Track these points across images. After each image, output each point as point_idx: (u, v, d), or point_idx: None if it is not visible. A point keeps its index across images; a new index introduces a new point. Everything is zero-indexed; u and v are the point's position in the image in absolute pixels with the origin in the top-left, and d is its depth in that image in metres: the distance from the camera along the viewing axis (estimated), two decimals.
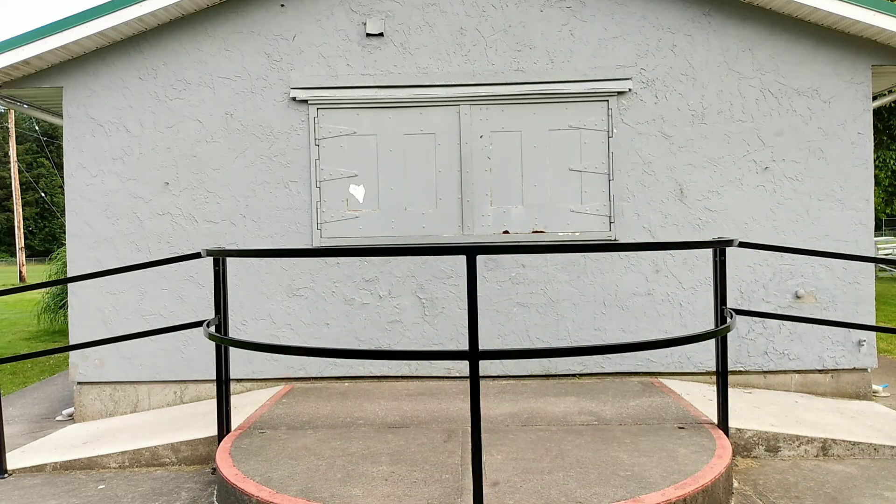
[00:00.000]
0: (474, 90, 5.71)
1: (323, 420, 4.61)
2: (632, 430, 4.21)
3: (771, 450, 4.34)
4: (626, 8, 5.70)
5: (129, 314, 5.80)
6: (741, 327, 5.63)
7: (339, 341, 5.78)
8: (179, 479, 4.25)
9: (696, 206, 5.69)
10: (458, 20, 5.74)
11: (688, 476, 3.41)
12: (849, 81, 5.62)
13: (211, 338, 3.72)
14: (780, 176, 5.68)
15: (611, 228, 5.71)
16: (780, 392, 5.63)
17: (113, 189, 5.81)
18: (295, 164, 5.78)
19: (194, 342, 5.79)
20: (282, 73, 5.77)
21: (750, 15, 5.65)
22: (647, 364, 5.68)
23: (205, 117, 5.79)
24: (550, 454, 3.78)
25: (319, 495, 3.28)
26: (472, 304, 2.95)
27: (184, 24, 5.77)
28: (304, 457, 3.85)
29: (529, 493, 3.24)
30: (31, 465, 4.48)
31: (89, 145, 5.80)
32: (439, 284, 5.76)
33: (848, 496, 3.69)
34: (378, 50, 5.75)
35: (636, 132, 5.71)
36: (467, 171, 5.73)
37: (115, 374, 5.80)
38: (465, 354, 3.00)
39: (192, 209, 5.81)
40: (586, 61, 5.71)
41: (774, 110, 5.67)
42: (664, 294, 5.70)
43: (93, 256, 5.80)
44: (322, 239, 5.78)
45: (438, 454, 3.84)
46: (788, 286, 5.68)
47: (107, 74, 5.78)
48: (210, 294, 5.77)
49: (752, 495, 3.74)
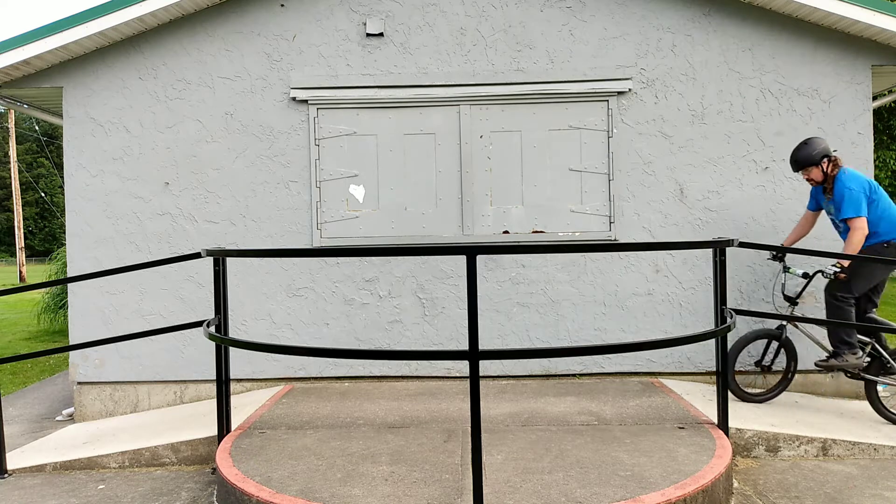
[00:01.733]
0: (474, 90, 5.71)
1: (323, 420, 4.61)
2: (632, 430, 4.21)
3: (771, 450, 4.34)
4: (626, 8, 5.70)
5: (129, 314, 5.80)
6: (741, 327, 5.62)
7: (339, 341, 5.78)
8: (179, 479, 4.25)
9: (696, 206, 5.69)
10: (458, 20, 5.74)
11: (688, 476, 3.41)
12: (849, 81, 5.62)
13: (211, 338, 3.72)
14: (780, 176, 5.68)
15: (611, 228, 5.71)
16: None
17: (113, 189, 5.81)
18: (295, 164, 5.78)
19: (194, 342, 5.79)
20: (282, 73, 5.77)
21: (750, 15, 5.65)
22: (647, 364, 5.68)
23: (205, 117, 5.80)
24: (550, 454, 3.78)
25: (319, 495, 3.28)
26: (472, 304, 2.95)
27: (184, 24, 5.77)
28: (304, 457, 3.85)
29: (529, 493, 3.24)
30: (31, 465, 4.48)
31: (89, 145, 5.80)
32: (439, 284, 5.76)
33: (848, 496, 3.69)
34: (378, 50, 5.75)
35: (636, 132, 5.71)
36: (467, 171, 5.73)
37: (115, 374, 5.80)
38: (465, 354, 3.00)
39: (192, 209, 5.81)
40: (586, 61, 5.71)
41: (774, 110, 5.67)
42: (664, 294, 5.70)
43: (93, 256, 5.80)
44: (322, 239, 5.78)
45: (438, 454, 3.84)
46: (789, 286, 5.68)
47: (107, 74, 5.78)
48: (210, 294, 5.78)
49: (752, 495, 3.74)
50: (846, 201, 4.76)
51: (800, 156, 4.94)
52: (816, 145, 4.90)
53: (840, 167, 4.90)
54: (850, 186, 4.76)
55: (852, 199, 4.74)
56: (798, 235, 5.26)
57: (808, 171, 4.96)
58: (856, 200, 4.74)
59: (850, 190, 4.76)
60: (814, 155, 4.89)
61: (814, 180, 4.97)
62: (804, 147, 4.94)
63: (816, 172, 4.93)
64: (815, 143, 4.92)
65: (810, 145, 4.92)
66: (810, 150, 4.91)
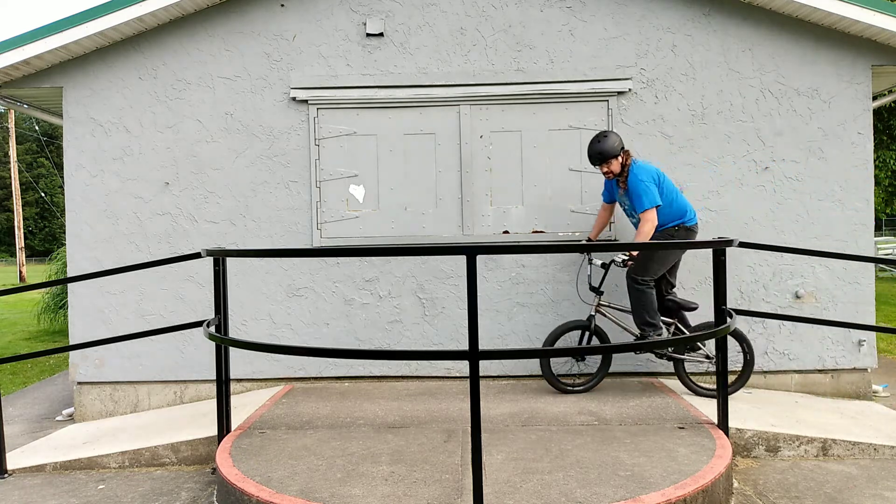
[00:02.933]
0: (474, 90, 5.71)
1: (323, 420, 4.61)
2: (632, 430, 4.21)
3: (771, 450, 4.34)
4: (626, 8, 5.70)
5: (129, 314, 5.80)
6: (741, 327, 5.62)
7: (339, 341, 5.78)
8: (179, 479, 4.25)
9: (696, 206, 5.68)
10: (458, 20, 5.74)
11: (688, 476, 3.41)
12: (849, 81, 5.62)
13: (211, 338, 3.72)
14: (780, 176, 5.68)
15: (611, 228, 5.71)
16: (780, 392, 5.63)
17: (113, 189, 5.81)
18: (295, 164, 5.78)
19: (194, 342, 5.79)
20: (282, 73, 5.77)
21: (750, 15, 5.65)
22: (647, 364, 5.67)
23: (205, 117, 5.80)
24: (550, 454, 3.78)
25: (319, 495, 3.28)
26: (472, 304, 2.95)
27: (184, 23, 5.77)
28: (304, 457, 3.85)
29: (529, 493, 3.24)
30: (31, 465, 4.48)
31: (89, 145, 5.80)
32: (439, 284, 5.76)
33: (848, 496, 3.69)
34: (378, 50, 5.75)
35: (636, 132, 5.71)
36: (467, 171, 5.73)
37: (115, 374, 5.80)
38: (465, 354, 3.00)
39: (192, 209, 5.81)
40: (586, 61, 5.71)
41: (774, 110, 5.67)
42: None
43: (93, 256, 5.80)
44: (322, 239, 5.78)
45: (438, 454, 3.84)
46: (788, 286, 5.68)
47: (107, 74, 5.78)
48: (210, 294, 5.77)
49: (752, 495, 3.74)
50: (643, 193, 4.82)
51: (604, 148, 4.91)
52: (614, 137, 4.92)
53: (632, 159, 4.97)
54: (643, 178, 4.84)
55: (648, 190, 4.82)
56: (600, 228, 5.46)
57: (608, 164, 4.95)
58: (651, 192, 4.82)
59: (644, 182, 4.83)
60: (615, 147, 4.90)
61: (612, 173, 4.98)
62: (605, 140, 4.91)
63: (616, 165, 4.95)
64: (612, 135, 4.93)
65: (610, 137, 4.91)
66: (611, 142, 4.90)
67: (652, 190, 4.84)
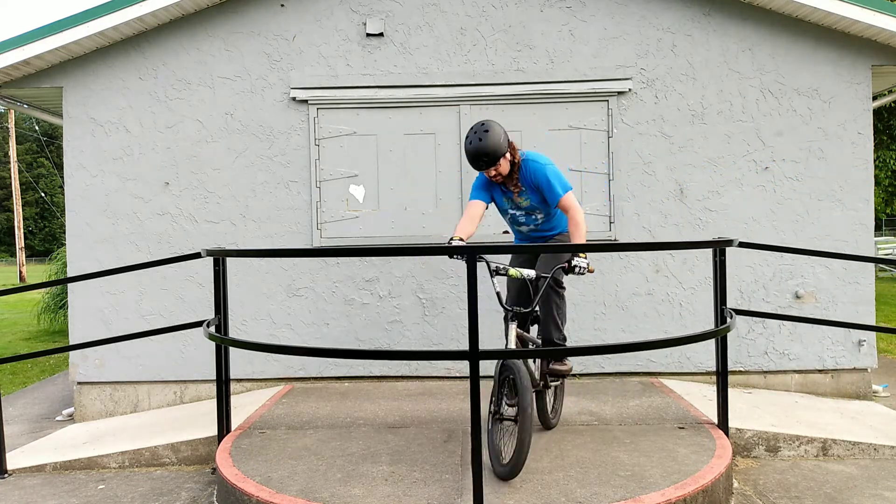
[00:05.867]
0: (474, 90, 5.70)
1: (323, 420, 4.61)
2: (632, 430, 4.21)
3: (771, 450, 4.34)
4: (626, 8, 5.70)
5: (129, 314, 5.79)
6: (741, 327, 5.62)
7: (339, 341, 5.78)
8: (179, 479, 4.25)
9: (696, 206, 5.69)
10: (458, 20, 5.74)
11: (688, 476, 3.41)
12: (849, 81, 5.62)
13: (211, 338, 3.72)
14: (780, 176, 5.67)
15: (611, 228, 5.71)
16: (780, 392, 5.63)
17: (113, 189, 5.81)
18: (295, 164, 5.78)
19: (194, 342, 5.79)
20: (282, 73, 5.77)
21: (750, 15, 5.65)
22: (647, 364, 5.67)
23: (205, 117, 5.79)
24: (550, 454, 3.78)
25: (319, 495, 3.28)
26: (473, 304, 2.95)
27: (184, 24, 5.77)
28: (304, 457, 3.85)
29: (529, 493, 3.24)
30: (31, 465, 4.48)
31: (89, 145, 5.80)
32: (439, 284, 5.76)
33: (848, 496, 3.69)
34: (378, 50, 5.75)
35: (636, 132, 5.71)
36: (467, 171, 5.73)
37: (115, 374, 5.79)
38: (465, 354, 3.00)
39: (192, 209, 5.81)
40: (586, 61, 5.71)
41: (774, 110, 5.67)
42: (664, 294, 5.70)
43: (93, 256, 5.80)
44: (322, 239, 5.78)
45: (438, 454, 3.84)
46: (788, 286, 5.68)
47: (107, 74, 5.78)
48: (210, 294, 5.77)
49: (752, 495, 3.74)
50: (553, 178, 3.87)
51: (489, 146, 3.75)
52: (498, 129, 3.81)
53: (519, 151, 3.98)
54: (544, 162, 3.92)
55: (556, 174, 3.89)
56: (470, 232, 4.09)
57: (498, 166, 3.84)
58: (560, 175, 3.91)
59: (549, 165, 3.91)
60: (502, 142, 3.79)
61: (501, 175, 3.90)
62: (488, 135, 3.75)
63: (505, 164, 3.87)
64: (494, 126, 3.81)
65: (493, 129, 3.78)
66: (497, 136, 3.77)
67: (558, 172, 3.94)
